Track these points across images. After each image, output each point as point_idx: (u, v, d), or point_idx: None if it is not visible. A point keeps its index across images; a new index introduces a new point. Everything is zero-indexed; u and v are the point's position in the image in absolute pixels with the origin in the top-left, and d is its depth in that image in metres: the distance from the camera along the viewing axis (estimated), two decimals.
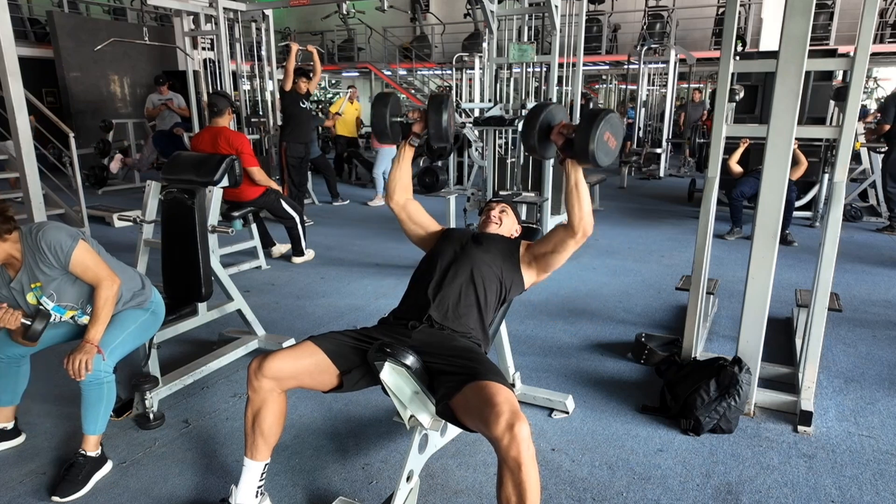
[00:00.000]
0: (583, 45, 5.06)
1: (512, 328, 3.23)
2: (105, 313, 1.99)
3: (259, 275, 4.46)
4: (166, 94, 8.38)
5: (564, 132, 1.91)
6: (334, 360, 1.75)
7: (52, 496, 1.92)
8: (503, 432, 1.41)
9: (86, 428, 2.01)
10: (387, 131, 2.16)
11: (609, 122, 1.80)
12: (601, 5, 13.24)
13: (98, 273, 2.00)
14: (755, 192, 4.20)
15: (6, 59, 3.96)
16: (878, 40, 11.13)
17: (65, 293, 2.03)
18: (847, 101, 2.21)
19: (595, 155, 1.79)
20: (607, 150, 1.83)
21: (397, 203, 2.20)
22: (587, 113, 1.85)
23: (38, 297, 2.00)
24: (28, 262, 1.96)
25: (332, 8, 12.98)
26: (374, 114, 2.15)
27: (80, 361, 1.88)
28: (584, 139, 1.78)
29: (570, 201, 1.91)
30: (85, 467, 1.99)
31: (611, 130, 1.83)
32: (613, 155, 1.89)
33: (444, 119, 2.02)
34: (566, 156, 1.90)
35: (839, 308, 2.72)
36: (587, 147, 1.78)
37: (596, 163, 1.82)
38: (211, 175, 2.69)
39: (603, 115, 1.79)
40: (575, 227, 1.91)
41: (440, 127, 2.03)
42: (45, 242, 1.92)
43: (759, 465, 2.11)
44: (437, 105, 2.03)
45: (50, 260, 1.94)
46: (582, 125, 1.81)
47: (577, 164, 1.89)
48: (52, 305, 2.02)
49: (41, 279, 1.98)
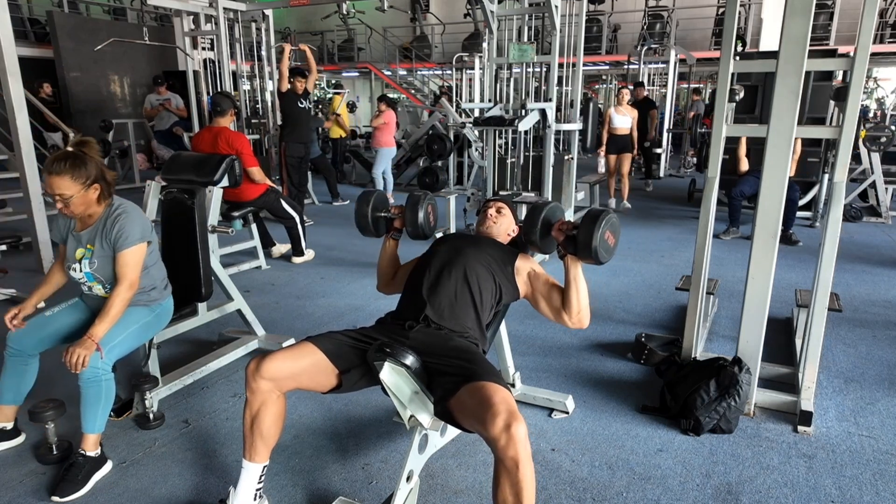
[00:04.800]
0: (583, 45, 5.05)
1: (512, 328, 3.23)
2: (114, 313, 2.04)
3: (259, 275, 4.46)
4: (164, 95, 8.39)
5: (565, 230, 1.98)
6: (333, 361, 1.75)
7: (52, 496, 1.92)
8: (500, 432, 1.41)
9: (85, 426, 2.02)
10: (369, 227, 2.24)
11: (609, 221, 1.90)
12: (601, 5, 13.25)
13: (127, 273, 2.09)
14: (755, 191, 4.19)
15: (6, 59, 3.96)
16: (878, 40, 11.14)
17: (104, 268, 2.14)
18: (847, 101, 2.21)
19: (598, 253, 1.88)
20: (608, 247, 1.93)
21: (386, 293, 2.33)
22: (589, 214, 1.93)
23: (83, 257, 2.14)
24: (98, 227, 2.12)
25: (332, 8, 13.01)
26: (358, 210, 2.24)
27: (78, 356, 1.92)
28: (588, 238, 1.87)
29: (569, 295, 1.97)
30: (85, 467, 1.99)
31: (611, 230, 1.92)
32: (613, 252, 1.98)
33: (421, 217, 2.17)
34: (566, 251, 1.97)
35: (839, 308, 2.72)
36: (590, 245, 1.86)
37: (598, 260, 1.90)
38: (211, 175, 2.69)
39: (604, 216, 1.88)
40: (572, 318, 1.98)
41: (416, 225, 2.18)
42: (119, 225, 2.08)
43: (759, 465, 2.11)
44: (413, 205, 2.17)
45: (111, 238, 2.09)
46: (584, 225, 1.89)
47: (577, 259, 1.95)
48: (87, 271, 2.14)
49: (95, 246, 2.12)
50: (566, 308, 1.98)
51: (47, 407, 2.10)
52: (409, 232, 2.22)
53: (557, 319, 2.01)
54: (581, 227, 1.91)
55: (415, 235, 2.22)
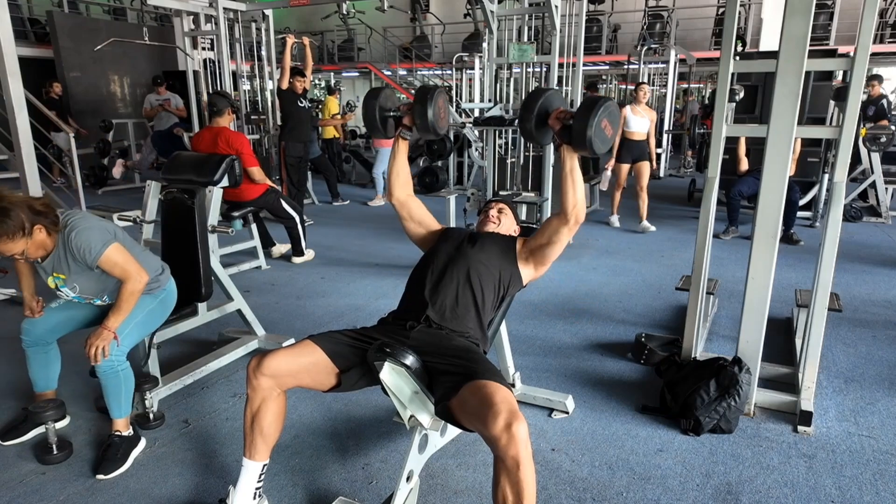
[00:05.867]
0: (583, 45, 5.06)
1: (512, 328, 3.23)
2: (128, 305, 2.08)
3: (259, 275, 4.46)
4: (164, 95, 8.38)
5: (562, 118, 1.91)
6: (333, 360, 1.75)
7: (97, 475, 2.02)
8: (501, 432, 1.41)
9: (112, 413, 2.12)
10: (377, 125, 2.12)
11: (607, 109, 1.81)
12: (601, 5, 13.24)
13: (126, 269, 2.06)
14: (754, 191, 4.17)
15: (6, 59, 3.95)
16: (878, 40, 11.14)
17: (87, 286, 2.13)
18: (847, 101, 2.21)
19: (592, 142, 1.80)
20: (604, 137, 1.84)
21: (398, 200, 2.19)
22: (586, 100, 1.86)
23: (59, 286, 2.11)
24: (58, 253, 2.04)
25: (332, 8, 12.99)
26: (365, 107, 2.11)
27: (97, 347, 1.99)
28: (583, 126, 1.78)
29: (565, 187, 1.92)
30: (122, 446, 2.10)
31: (608, 118, 1.83)
32: (610, 143, 1.89)
33: (430, 112, 1.98)
34: (563, 142, 1.91)
35: (839, 308, 2.72)
36: (585, 134, 1.78)
37: (593, 150, 1.82)
38: (211, 175, 2.69)
39: (602, 102, 1.80)
40: (568, 214, 1.92)
41: (425, 119, 1.99)
42: (75, 244, 1.99)
43: (759, 465, 2.11)
44: (422, 96, 2.00)
45: (77, 259, 2.03)
46: (580, 112, 1.81)
47: (573, 150, 1.90)
48: (74, 296, 2.14)
49: (65, 272, 2.07)
50: (562, 208, 1.92)
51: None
52: (418, 126, 2.04)
53: (558, 233, 1.95)
54: (577, 114, 1.81)
55: (424, 132, 2.05)
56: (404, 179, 2.18)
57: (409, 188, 2.20)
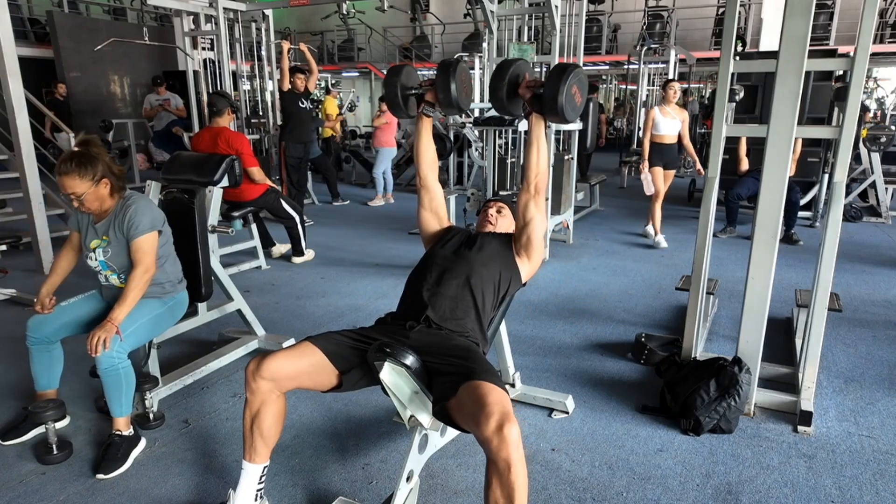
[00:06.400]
0: (583, 45, 5.05)
1: (512, 328, 3.23)
2: (133, 297, 2.13)
3: (259, 275, 4.46)
4: (164, 95, 8.39)
5: (532, 86, 1.93)
6: (333, 361, 1.75)
7: (97, 474, 2.02)
8: (493, 433, 1.40)
9: (113, 412, 2.12)
10: (399, 103, 2.09)
11: (577, 76, 1.82)
12: (601, 5, 13.25)
13: (142, 259, 2.17)
14: (754, 192, 4.16)
15: (6, 59, 3.96)
16: (878, 40, 11.13)
17: (118, 257, 2.23)
18: (847, 101, 2.21)
19: (564, 109, 1.80)
20: (574, 104, 1.85)
21: (425, 182, 2.17)
22: (555, 68, 1.86)
23: (98, 247, 2.24)
24: (111, 218, 2.22)
25: (332, 8, 12.99)
26: (387, 84, 2.09)
27: (99, 338, 2.01)
28: (553, 92, 1.79)
29: (529, 155, 1.95)
30: (122, 446, 2.10)
31: (578, 85, 1.85)
32: (579, 110, 1.91)
33: (454, 85, 1.93)
34: (533, 110, 1.92)
35: (839, 308, 2.72)
36: (556, 100, 1.79)
37: (564, 117, 1.83)
38: (211, 175, 2.69)
39: (571, 69, 1.81)
40: (529, 181, 1.94)
41: (448, 93, 1.94)
42: (129, 215, 2.17)
43: (759, 465, 2.11)
44: (444, 69, 1.97)
45: (123, 228, 2.18)
46: (550, 79, 1.82)
47: (541, 118, 1.92)
48: (101, 259, 2.24)
49: (110, 236, 2.22)
50: (524, 177, 1.94)
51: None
52: (441, 101, 2.00)
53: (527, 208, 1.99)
54: (547, 82, 1.82)
55: (447, 107, 2.01)
56: (431, 158, 2.16)
57: (436, 170, 2.19)
